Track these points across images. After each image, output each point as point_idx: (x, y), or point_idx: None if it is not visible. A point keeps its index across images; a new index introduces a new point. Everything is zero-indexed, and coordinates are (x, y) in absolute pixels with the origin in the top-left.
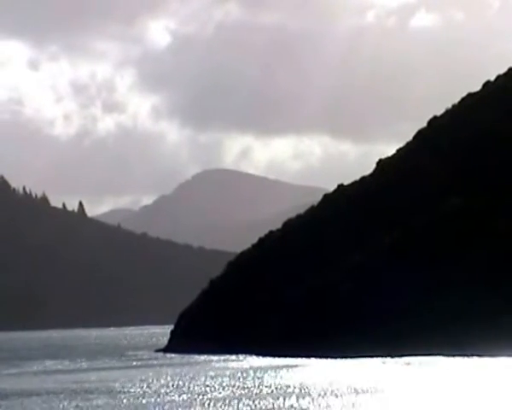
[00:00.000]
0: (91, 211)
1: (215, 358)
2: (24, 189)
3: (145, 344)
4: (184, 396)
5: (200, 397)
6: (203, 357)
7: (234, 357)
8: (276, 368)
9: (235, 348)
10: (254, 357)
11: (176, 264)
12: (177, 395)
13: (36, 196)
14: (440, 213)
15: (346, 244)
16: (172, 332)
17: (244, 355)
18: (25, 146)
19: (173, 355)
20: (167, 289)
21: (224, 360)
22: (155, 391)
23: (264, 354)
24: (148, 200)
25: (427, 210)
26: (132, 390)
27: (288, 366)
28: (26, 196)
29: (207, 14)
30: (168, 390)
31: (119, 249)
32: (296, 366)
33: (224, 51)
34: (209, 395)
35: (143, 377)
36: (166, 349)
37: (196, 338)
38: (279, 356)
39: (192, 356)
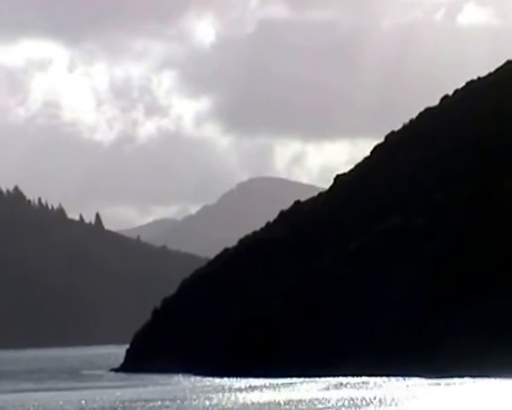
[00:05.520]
0: (138, 221)
1: (159, 378)
2: (39, 200)
3: (105, 363)
4: None
5: None
6: (146, 376)
7: (179, 377)
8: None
9: (186, 367)
10: (198, 378)
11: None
12: None
13: (52, 207)
14: (379, 231)
15: (292, 263)
16: (128, 351)
17: (188, 375)
18: (62, 152)
19: (122, 375)
20: None
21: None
22: None
23: (211, 375)
24: (194, 209)
25: (370, 228)
26: None
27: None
28: (42, 208)
29: (253, 13)
30: None
31: (132, 264)
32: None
33: (271, 51)
34: None
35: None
36: (120, 369)
37: (148, 357)
38: (227, 376)
39: (139, 376)
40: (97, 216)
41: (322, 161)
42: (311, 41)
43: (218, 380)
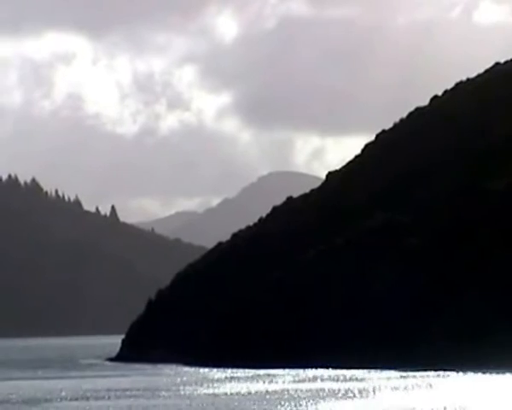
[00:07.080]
0: (161, 213)
1: (150, 367)
2: (56, 192)
3: (104, 352)
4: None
5: None
6: (138, 366)
7: (170, 367)
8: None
9: (179, 358)
10: (187, 368)
11: None
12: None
13: (69, 199)
14: (365, 227)
15: (280, 258)
16: (123, 341)
17: (180, 365)
18: (86, 144)
19: (116, 364)
20: None
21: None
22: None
23: (203, 365)
24: (215, 202)
25: (356, 224)
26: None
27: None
28: (59, 200)
29: (273, 9)
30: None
31: (144, 255)
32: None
33: (291, 47)
34: None
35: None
36: (116, 358)
37: (143, 347)
38: (218, 367)
39: (131, 365)
40: (113, 208)
41: (341, 155)
42: (330, 37)
43: (205, 371)
